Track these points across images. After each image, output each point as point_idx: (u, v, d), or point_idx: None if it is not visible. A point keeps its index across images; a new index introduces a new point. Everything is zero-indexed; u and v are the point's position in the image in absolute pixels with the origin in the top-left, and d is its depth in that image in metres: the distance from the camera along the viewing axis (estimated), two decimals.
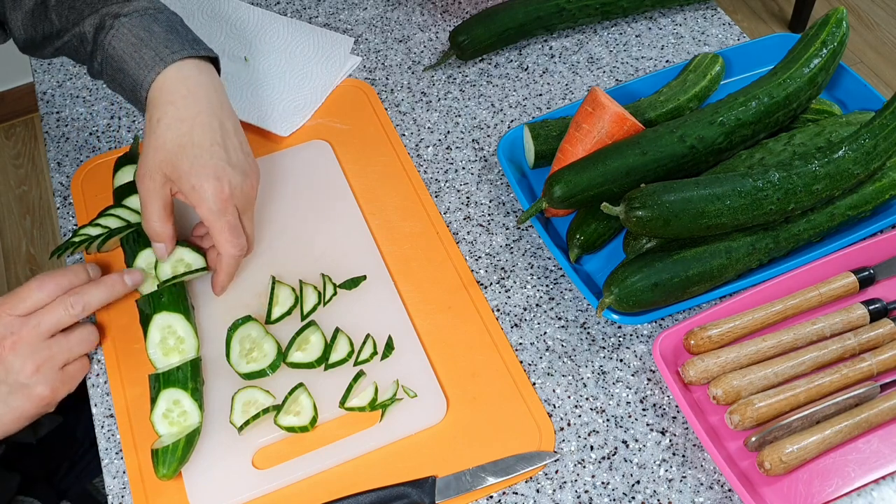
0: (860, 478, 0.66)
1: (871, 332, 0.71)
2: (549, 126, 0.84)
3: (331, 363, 0.72)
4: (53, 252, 0.77)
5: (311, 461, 0.68)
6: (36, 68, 1.01)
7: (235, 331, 0.72)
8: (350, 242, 0.81)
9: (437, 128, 0.92)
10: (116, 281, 0.72)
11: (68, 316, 0.69)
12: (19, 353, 0.66)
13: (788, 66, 0.82)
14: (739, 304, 0.74)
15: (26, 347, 0.67)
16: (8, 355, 0.66)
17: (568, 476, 0.68)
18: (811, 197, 0.73)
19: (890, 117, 0.75)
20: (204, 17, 1.02)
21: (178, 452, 0.65)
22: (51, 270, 0.71)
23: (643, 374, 0.73)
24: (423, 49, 1.00)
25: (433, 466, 0.68)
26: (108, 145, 0.92)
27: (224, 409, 0.70)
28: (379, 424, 0.69)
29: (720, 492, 0.67)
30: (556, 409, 0.71)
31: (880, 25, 2.43)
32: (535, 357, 0.75)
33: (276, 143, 0.90)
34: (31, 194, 2.15)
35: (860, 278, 0.75)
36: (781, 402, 0.67)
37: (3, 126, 2.30)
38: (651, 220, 0.70)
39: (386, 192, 0.86)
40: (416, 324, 0.76)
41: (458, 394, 0.72)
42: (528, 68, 0.97)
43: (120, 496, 0.68)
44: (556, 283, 0.79)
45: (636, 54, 0.98)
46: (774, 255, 0.76)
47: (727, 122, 0.78)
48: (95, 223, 0.77)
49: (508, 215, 0.85)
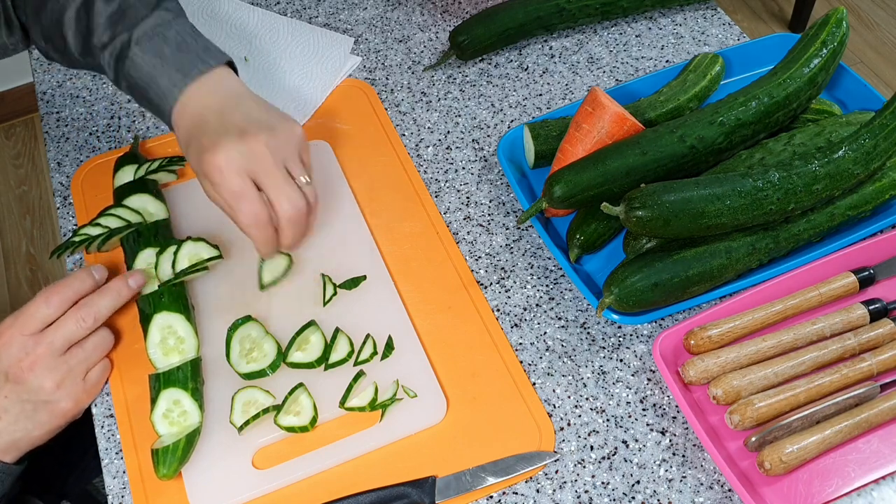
0: (860, 478, 0.66)
1: (871, 332, 0.71)
2: (549, 126, 0.84)
3: (331, 363, 0.72)
4: (53, 252, 0.77)
5: (311, 461, 0.68)
6: (36, 68, 1.01)
7: (235, 331, 0.72)
8: (350, 242, 0.81)
9: (437, 128, 0.92)
10: (121, 286, 0.72)
11: (81, 329, 0.69)
12: (38, 373, 0.67)
13: (788, 66, 0.82)
14: (739, 304, 0.74)
15: (44, 366, 0.67)
16: (27, 376, 0.66)
17: (568, 476, 0.68)
18: (811, 197, 0.73)
19: (890, 117, 0.75)
20: (204, 17, 1.02)
21: (178, 452, 0.65)
22: (55, 283, 0.71)
23: (643, 374, 0.73)
24: (423, 49, 1.00)
25: (433, 466, 0.68)
26: (108, 145, 0.92)
27: (224, 409, 0.70)
28: (379, 424, 0.69)
29: (720, 492, 0.67)
30: (556, 409, 0.71)
31: (880, 25, 2.43)
32: (535, 357, 0.75)
33: None
34: (31, 194, 2.15)
35: (860, 278, 0.75)
36: (781, 402, 0.67)
37: (3, 126, 2.30)
38: (651, 220, 0.70)
39: (386, 192, 0.86)
40: (416, 324, 0.76)
41: (458, 394, 0.72)
42: (528, 68, 0.97)
43: (120, 496, 0.68)
44: (556, 283, 0.79)
45: (636, 54, 0.98)
46: (774, 255, 0.76)
47: (727, 122, 0.78)
48: (95, 223, 0.77)
49: (508, 215, 0.85)
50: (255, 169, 0.67)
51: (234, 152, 0.67)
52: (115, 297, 0.71)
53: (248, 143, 0.67)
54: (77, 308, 0.69)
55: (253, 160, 0.67)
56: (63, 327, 0.68)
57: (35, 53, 1.02)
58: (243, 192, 0.67)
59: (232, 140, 0.67)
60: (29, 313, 0.68)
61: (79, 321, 0.69)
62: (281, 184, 0.68)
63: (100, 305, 0.70)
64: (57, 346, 0.68)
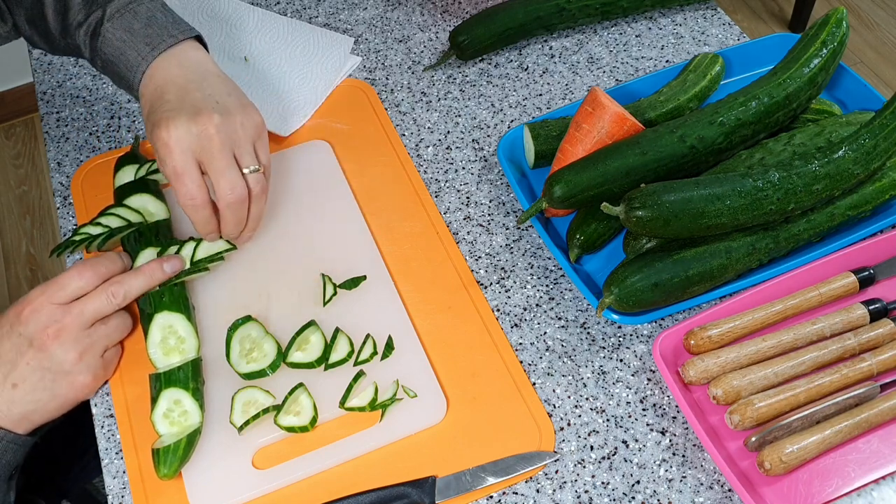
0: (860, 478, 0.66)
1: (871, 332, 0.71)
2: (549, 126, 0.84)
3: (331, 363, 0.72)
4: (54, 250, 0.77)
5: (311, 461, 0.68)
6: (36, 68, 1.01)
7: (235, 331, 0.72)
8: (350, 242, 0.81)
9: (437, 128, 0.92)
10: (156, 269, 0.72)
11: (110, 305, 0.70)
12: (63, 342, 0.67)
13: (788, 66, 0.82)
14: (739, 304, 0.74)
15: (69, 336, 0.67)
16: (52, 344, 0.67)
17: (568, 476, 0.68)
18: (811, 197, 0.73)
19: (890, 117, 0.75)
20: (204, 17, 1.02)
21: (178, 452, 0.65)
22: (88, 259, 0.71)
23: (643, 374, 0.73)
24: (423, 49, 1.00)
25: (433, 466, 0.68)
26: (108, 145, 0.92)
27: (224, 409, 0.70)
28: (379, 424, 0.69)
29: (720, 492, 0.67)
30: (556, 409, 0.72)
31: (880, 25, 2.43)
32: (535, 357, 0.75)
33: (276, 143, 0.90)
34: (31, 194, 2.15)
35: (860, 278, 0.75)
36: (781, 402, 0.67)
37: (3, 126, 2.31)
38: (651, 220, 0.70)
39: (386, 192, 0.86)
40: (416, 324, 0.76)
41: (458, 394, 0.72)
42: (528, 68, 0.97)
43: (120, 496, 0.68)
44: (556, 283, 0.79)
45: (636, 54, 0.98)
46: (774, 255, 0.76)
47: (727, 122, 0.78)
48: (96, 222, 0.78)
49: (508, 215, 0.85)
50: (200, 150, 0.69)
51: (184, 131, 0.68)
52: (147, 278, 0.71)
53: (200, 123, 0.68)
54: (109, 284, 0.70)
55: (201, 141, 0.69)
56: (93, 301, 0.69)
57: (35, 53, 1.02)
58: (184, 171, 0.69)
59: (183, 118, 0.68)
60: (60, 284, 0.68)
61: (109, 297, 0.69)
62: (223, 168, 0.69)
63: (131, 285, 0.70)
64: (85, 318, 0.68)
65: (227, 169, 0.70)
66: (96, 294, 0.69)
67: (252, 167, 0.71)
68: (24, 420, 0.68)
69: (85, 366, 0.69)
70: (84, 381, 0.69)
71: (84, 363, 0.68)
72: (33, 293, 0.68)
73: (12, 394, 0.67)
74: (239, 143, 0.71)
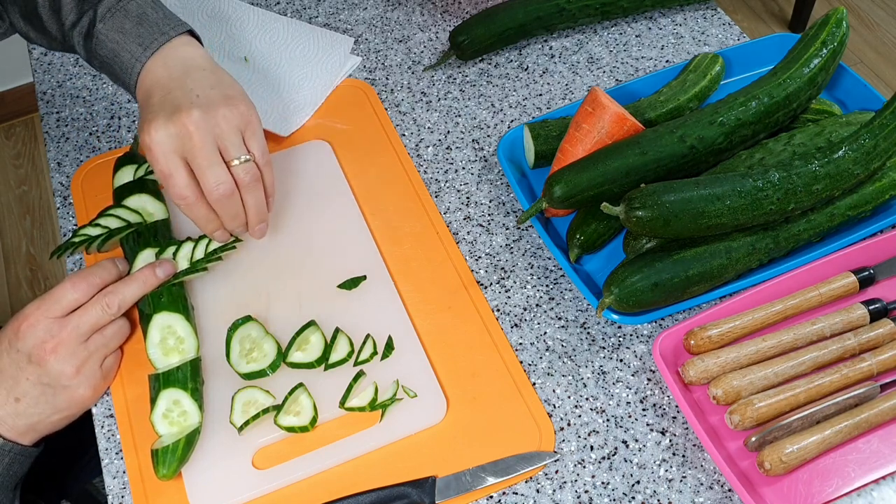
0: (860, 478, 0.66)
1: (871, 332, 0.71)
2: (549, 126, 0.84)
3: (331, 363, 0.72)
4: (53, 252, 0.77)
5: (311, 461, 0.68)
6: (36, 68, 1.01)
7: (235, 331, 0.72)
8: (350, 242, 0.81)
9: (437, 128, 0.92)
10: (149, 275, 0.72)
11: (106, 316, 0.69)
12: (60, 356, 0.67)
13: (788, 66, 0.82)
14: (739, 304, 0.74)
15: (66, 350, 0.67)
16: (49, 358, 0.67)
17: (568, 476, 0.68)
18: (811, 197, 0.73)
19: (890, 117, 0.75)
20: (204, 17, 1.02)
21: (178, 452, 0.65)
22: (81, 270, 0.71)
23: (643, 374, 0.73)
24: (423, 49, 1.00)
25: (433, 466, 0.68)
26: (108, 145, 0.92)
27: (224, 409, 0.70)
28: (379, 424, 0.69)
29: (720, 492, 0.67)
30: (556, 409, 0.71)
31: (880, 25, 2.43)
32: (535, 357, 0.75)
33: (276, 143, 0.90)
34: (31, 194, 2.15)
35: (860, 278, 0.75)
36: (781, 402, 0.67)
37: (3, 126, 2.31)
38: (651, 220, 0.70)
39: (386, 192, 0.86)
40: (416, 324, 0.76)
41: (458, 394, 0.72)
42: (528, 68, 0.97)
43: (120, 496, 0.68)
44: (556, 283, 0.79)
45: (636, 54, 0.98)
46: (774, 255, 0.76)
47: (727, 122, 0.78)
48: (95, 223, 0.77)
49: (508, 215, 0.85)
50: (183, 149, 0.69)
51: (163, 133, 0.68)
52: (141, 285, 0.71)
53: (177, 123, 0.68)
54: (103, 294, 0.70)
55: (181, 140, 0.68)
56: (88, 313, 0.69)
57: (35, 53, 1.02)
58: (170, 172, 0.69)
59: (161, 120, 0.68)
60: (55, 297, 0.68)
61: (104, 308, 0.69)
62: (205, 165, 0.69)
63: (125, 293, 0.70)
64: (82, 331, 0.68)
65: (209, 165, 0.69)
66: (91, 306, 0.69)
67: (244, 157, 0.70)
68: (31, 431, 0.69)
69: (83, 379, 0.68)
70: (83, 394, 0.69)
71: (82, 376, 0.68)
72: (29, 308, 0.68)
73: (16, 407, 0.67)
74: (223, 136, 0.69)
